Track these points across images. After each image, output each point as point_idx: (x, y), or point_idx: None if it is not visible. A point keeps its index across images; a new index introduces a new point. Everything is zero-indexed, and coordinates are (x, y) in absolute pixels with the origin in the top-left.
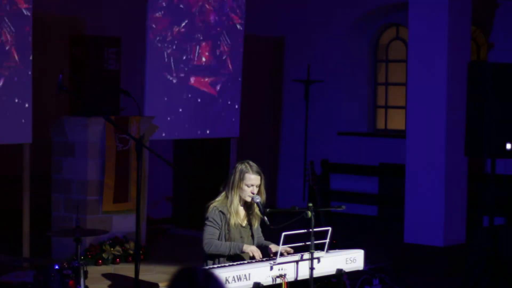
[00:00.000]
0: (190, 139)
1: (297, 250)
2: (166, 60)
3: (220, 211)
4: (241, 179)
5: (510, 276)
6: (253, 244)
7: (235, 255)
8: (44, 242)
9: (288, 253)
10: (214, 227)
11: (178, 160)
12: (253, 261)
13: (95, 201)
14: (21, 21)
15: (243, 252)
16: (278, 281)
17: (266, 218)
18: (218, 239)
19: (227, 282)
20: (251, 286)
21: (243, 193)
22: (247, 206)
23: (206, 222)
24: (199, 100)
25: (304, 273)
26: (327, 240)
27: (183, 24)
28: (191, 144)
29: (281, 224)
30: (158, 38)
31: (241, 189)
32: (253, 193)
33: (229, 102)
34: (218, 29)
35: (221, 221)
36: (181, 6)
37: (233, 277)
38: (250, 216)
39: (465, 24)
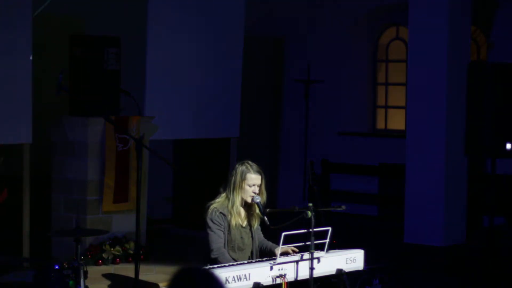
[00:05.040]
0: (190, 139)
1: None
2: (166, 60)
3: (221, 212)
4: (243, 179)
5: (510, 277)
6: (253, 244)
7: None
8: (44, 242)
9: (294, 252)
10: (220, 230)
11: (178, 160)
12: (253, 261)
13: (95, 201)
14: (21, 21)
15: None
16: (278, 281)
17: (266, 218)
18: None
19: (227, 282)
20: (251, 286)
21: (245, 193)
22: (247, 206)
23: (210, 225)
24: (199, 100)
25: (304, 273)
26: (327, 240)
27: (183, 23)
28: (191, 144)
29: (281, 224)
30: (158, 38)
31: (243, 190)
32: (255, 193)
33: (229, 102)
34: (218, 29)
35: (223, 223)
36: (181, 6)
37: (233, 277)
38: (250, 217)
39: (465, 24)
